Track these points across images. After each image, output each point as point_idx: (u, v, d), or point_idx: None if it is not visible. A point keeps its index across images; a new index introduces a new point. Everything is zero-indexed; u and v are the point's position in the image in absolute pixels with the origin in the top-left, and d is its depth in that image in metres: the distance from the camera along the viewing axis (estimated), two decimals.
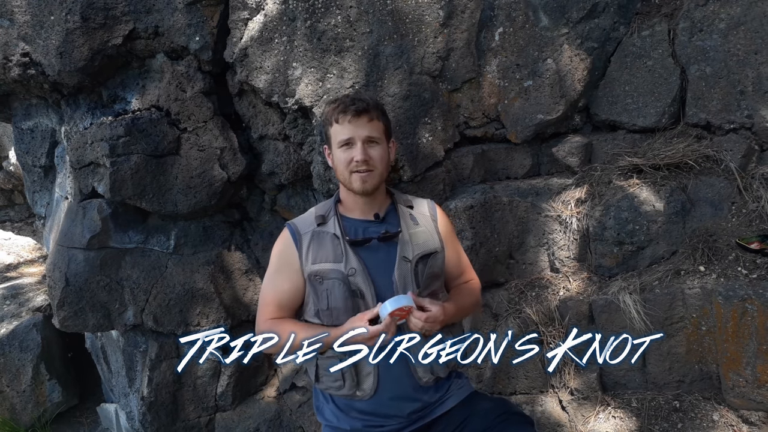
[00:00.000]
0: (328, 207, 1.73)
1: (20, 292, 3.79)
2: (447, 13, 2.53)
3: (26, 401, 3.42)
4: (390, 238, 1.66)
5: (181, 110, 2.78)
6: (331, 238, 1.65)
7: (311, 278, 1.63)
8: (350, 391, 1.63)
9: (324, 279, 1.61)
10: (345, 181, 1.68)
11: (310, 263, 1.64)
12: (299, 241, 1.66)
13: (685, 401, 2.17)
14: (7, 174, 5.45)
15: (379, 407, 1.63)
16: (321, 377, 1.68)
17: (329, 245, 1.64)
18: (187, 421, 3.01)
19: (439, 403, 1.68)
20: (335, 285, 1.60)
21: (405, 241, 1.67)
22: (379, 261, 1.64)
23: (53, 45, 2.72)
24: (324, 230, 1.67)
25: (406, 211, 1.75)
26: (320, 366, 1.67)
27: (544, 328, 2.31)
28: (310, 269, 1.63)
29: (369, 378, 1.61)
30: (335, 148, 1.68)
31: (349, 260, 1.61)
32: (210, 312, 2.91)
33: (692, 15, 2.44)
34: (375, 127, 1.67)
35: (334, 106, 1.68)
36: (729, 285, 2.06)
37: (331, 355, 1.60)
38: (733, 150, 2.31)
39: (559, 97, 2.55)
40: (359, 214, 1.71)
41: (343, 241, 1.64)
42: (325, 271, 1.61)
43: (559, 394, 2.33)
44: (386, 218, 1.73)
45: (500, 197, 2.52)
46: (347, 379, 1.62)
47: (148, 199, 2.78)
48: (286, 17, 2.59)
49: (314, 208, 1.77)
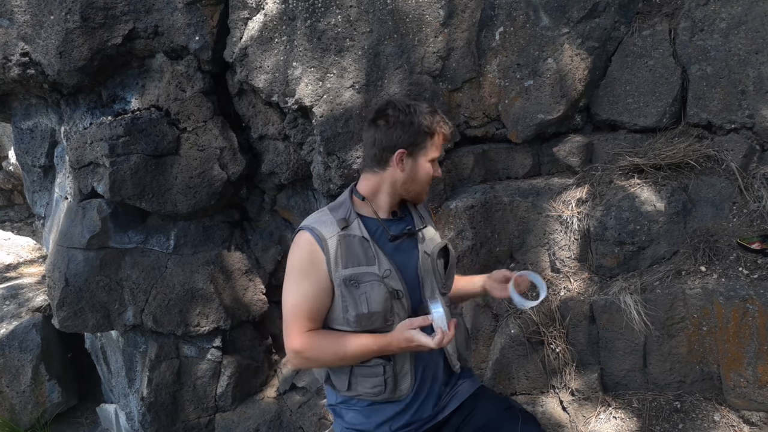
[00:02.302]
0: (347, 209, 1.66)
1: (20, 292, 3.79)
2: (447, 13, 2.53)
3: (26, 401, 3.42)
4: (413, 235, 1.69)
5: (181, 110, 2.78)
6: (360, 241, 1.60)
7: (346, 283, 1.56)
8: (390, 394, 1.61)
9: (360, 283, 1.56)
10: (420, 190, 1.71)
11: (341, 268, 1.57)
12: (325, 246, 1.58)
13: (686, 402, 2.17)
14: (6, 174, 5.45)
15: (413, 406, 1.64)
16: (355, 385, 1.63)
17: (359, 249, 1.59)
18: (187, 422, 3.01)
19: (450, 397, 1.70)
20: (374, 287, 1.56)
21: (423, 237, 1.70)
22: (404, 258, 1.65)
23: (53, 45, 2.71)
24: (350, 234, 1.61)
25: (413, 209, 1.79)
26: (356, 373, 1.62)
27: (544, 329, 2.31)
28: (343, 274, 1.56)
29: (407, 377, 1.62)
30: (425, 160, 1.66)
31: (381, 262, 1.59)
32: (210, 312, 2.90)
33: (693, 14, 2.44)
34: None
35: (442, 122, 1.68)
36: (730, 285, 2.06)
37: (373, 363, 1.59)
38: (734, 150, 2.30)
39: (559, 97, 2.55)
40: (383, 213, 1.69)
41: (373, 243, 1.61)
42: (359, 275, 1.56)
43: (559, 394, 2.33)
44: (403, 217, 1.75)
45: (501, 197, 2.52)
46: (388, 384, 1.60)
47: (148, 199, 2.77)
48: (286, 17, 2.59)
49: (326, 210, 1.68)
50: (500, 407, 1.66)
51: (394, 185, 1.66)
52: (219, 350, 2.98)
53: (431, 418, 1.67)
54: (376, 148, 1.65)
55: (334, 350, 1.56)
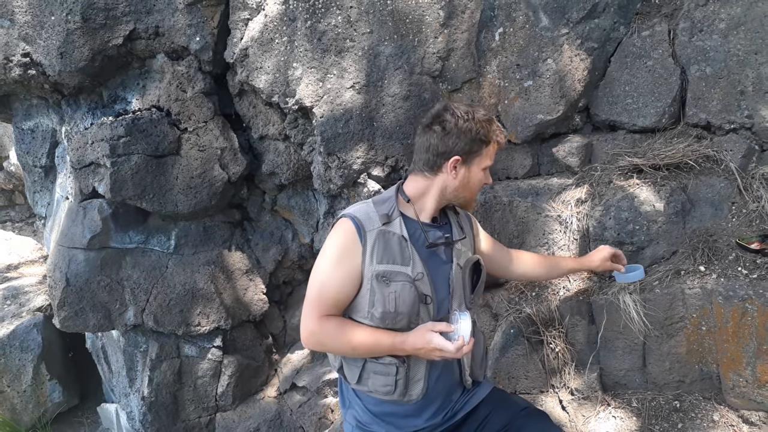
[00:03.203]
0: (391, 205, 1.64)
1: (21, 292, 3.79)
2: (447, 14, 2.53)
3: (27, 401, 3.43)
4: (450, 244, 1.67)
5: (182, 110, 2.79)
6: (398, 239, 1.59)
7: (377, 278, 1.55)
8: (400, 396, 1.61)
9: (391, 281, 1.55)
10: (470, 197, 1.71)
11: (375, 263, 1.56)
12: (364, 237, 1.57)
13: (685, 401, 2.17)
14: (7, 174, 5.46)
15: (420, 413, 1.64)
16: (366, 379, 1.63)
17: (396, 247, 1.58)
18: (188, 421, 3.01)
19: (466, 401, 1.70)
20: (405, 288, 1.55)
21: (458, 248, 1.68)
22: (438, 266, 1.63)
23: (54, 45, 2.72)
24: (390, 230, 1.60)
25: (454, 218, 1.76)
26: (368, 368, 1.62)
27: (544, 329, 2.32)
28: (376, 269, 1.56)
29: (419, 384, 1.61)
30: (478, 168, 1.67)
31: (415, 264, 1.58)
32: (210, 312, 2.91)
33: (692, 15, 2.44)
34: None
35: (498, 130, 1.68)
36: (729, 285, 2.06)
37: (387, 362, 1.59)
38: (734, 150, 2.30)
39: (559, 98, 2.55)
40: (424, 217, 1.68)
41: (411, 244, 1.60)
42: (392, 273, 1.56)
43: (559, 394, 2.33)
44: (444, 224, 1.74)
45: (500, 197, 2.52)
46: (399, 386, 1.60)
47: (149, 199, 2.78)
48: (286, 17, 2.59)
49: (371, 203, 1.66)
50: (517, 408, 1.67)
51: (444, 191, 1.66)
52: (219, 350, 2.99)
53: (442, 424, 1.67)
54: (430, 153, 1.64)
55: (348, 338, 1.54)
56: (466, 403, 1.70)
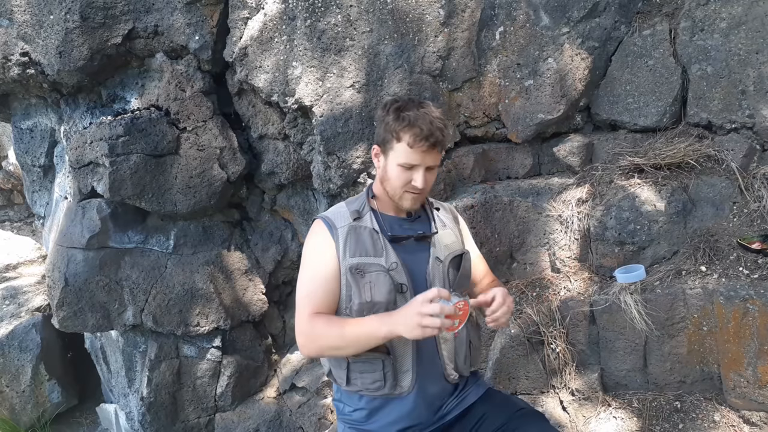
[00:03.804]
0: (362, 202, 1.70)
1: (19, 292, 3.78)
2: (447, 13, 2.52)
3: (26, 401, 3.42)
4: (425, 239, 1.67)
5: (181, 110, 2.78)
6: (369, 232, 1.63)
7: (352, 271, 1.57)
8: (390, 389, 1.61)
9: (365, 272, 1.57)
10: (395, 195, 1.67)
11: (349, 257, 1.59)
12: (335, 234, 1.62)
13: (686, 402, 2.16)
14: (6, 174, 5.44)
15: (415, 406, 1.63)
16: (354, 380, 1.63)
17: (368, 239, 1.62)
18: (187, 422, 3.00)
19: (458, 401, 1.69)
20: (379, 278, 1.56)
21: (437, 242, 1.68)
22: (413, 259, 1.64)
23: (53, 44, 2.71)
24: (361, 225, 1.64)
25: (434, 213, 1.77)
26: (353, 369, 1.62)
27: (545, 329, 2.31)
28: (349, 262, 1.58)
29: (407, 375, 1.61)
30: (394, 163, 1.64)
31: (389, 255, 1.60)
32: (209, 312, 2.90)
33: (693, 14, 2.44)
34: (439, 155, 1.67)
35: (407, 126, 1.60)
36: (730, 285, 2.06)
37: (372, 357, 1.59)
38: (735, 150, 2.30)
39: (560, 97, 2.54)
40: (394, 212, 1.71)
41: (383, 236, 1.63)
42: (366, 265, 1.58)
43: (560, 394, 2.32)
44: (418, 218, 1.74)
45: (501, 197, 2.52)
46: (388, 379, 1.60)
47: (148, 199, 2.77)
48: (286, 16, 2.58)
49: (343, 203, 1.72)
50: (513, 408, 1.65)
51: (380, 181, 1.69)
52: (219, 350, 2.98)
53: (434, 422, 1.66)
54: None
55: (338, 331, 1.51)
56: (461, 402, 1.69)
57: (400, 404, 1.63)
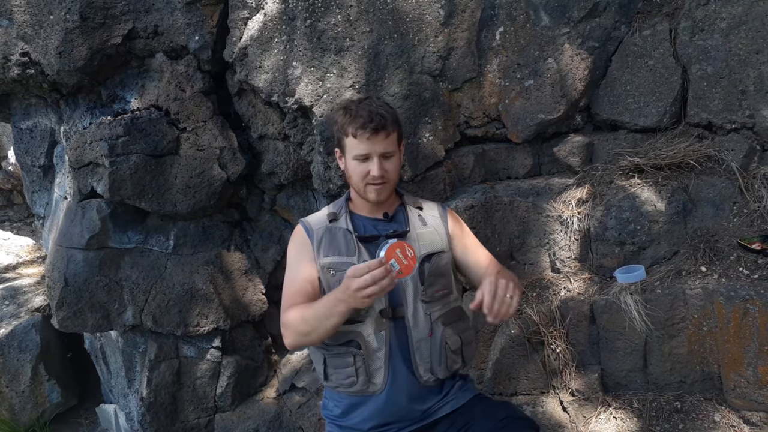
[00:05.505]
0: (340, 205, 1.79)
1: (19, 292, 3.78)
2: (447, 12, 2.52)
3: (25, 402, 3.41)
4: (398, 237, 1.68)
5: (181, 110, 2.78)
6: (343, 233, 1.71)
7: (325, 271, 1.66)
8: (363, 386, 1.64)
9: (336, 271, 1.64)
10: (359, 190, 1.73)
11: (322, 256, 1.68)
12: (312, 235, 1.72)
13: (686, 402, 2.16)
14: (6, 174, 5.44)
15: (389, 404, 1.64)
16: (330, 375, 1.69)
17: (341, 239, 1.69)
18: (187, 422, 3.00)
19: (441, 405, 1.68)
20: None
21: (412, 240, 1.69)
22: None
23: (52, 44, 2.71)
24: (336, 226, 1.73)
25: (414, 212, 1.79)
26: (329, 364, 1.68)
27: (545, 329, 2.31)
28: (323, 262, 1.67)
29: (380, 372, 1.63)
30: (350, 158, 1.70)
31: (361, 254, 1.66)
32: (209, 312, 2.90)
33: (693, 14, 2.44)
34: (391, 140, 1.69)
35: (350, 119, 1.65)
36: (730, 285, 2.06)
37: (343, 351, 1.63)
38: (735, 150, 2.30)
39: (560, 97, 2.54)
40: (369, 213, 1.78)
41: (356, 236, 1.69)
42: (338, 264, 1.65)
43: (560, 394, 2.32)
44: (395, 218, 1.78)
45: (501, 197, 2.51)
46: (360, 375, 1.63)
47: (148, 199, 2.77)
48: (285, 16, 2.58)
49: (326, 207, 1.83)
50: (499, 416, 1.62)
51: (349, 183, 1.77)
52: (218, 350, 2.98)
53: (416, 421, 1.65)
54: None
55: (301, 314, 1.55)
56: (444, 405, 1.69)
57: (374, 401, 1.64)
